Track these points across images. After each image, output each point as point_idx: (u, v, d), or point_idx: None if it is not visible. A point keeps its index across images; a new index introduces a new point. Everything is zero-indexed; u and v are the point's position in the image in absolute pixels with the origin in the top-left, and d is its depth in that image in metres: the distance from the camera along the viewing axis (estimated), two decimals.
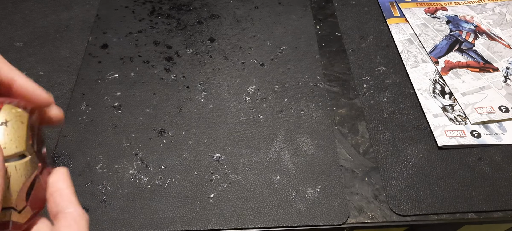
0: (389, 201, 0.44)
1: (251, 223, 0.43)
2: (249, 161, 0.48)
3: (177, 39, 0.63)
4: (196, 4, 0.69)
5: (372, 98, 0.55)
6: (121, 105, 0.54)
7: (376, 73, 0.58)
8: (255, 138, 0.50)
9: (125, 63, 0.59)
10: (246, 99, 0.55)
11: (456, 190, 0.45)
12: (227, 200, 0.44)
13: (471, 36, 0.63)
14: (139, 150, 0.49)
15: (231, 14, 0.67)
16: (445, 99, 0.54)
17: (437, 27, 0.65)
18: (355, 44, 0.62)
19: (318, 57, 0.60)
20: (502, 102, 0.53)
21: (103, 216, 0.43)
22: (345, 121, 0.52)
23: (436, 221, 0.43)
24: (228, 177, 0.46)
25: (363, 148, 0.49)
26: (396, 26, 0.65)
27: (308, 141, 0.50)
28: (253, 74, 0.58)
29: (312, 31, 0.64)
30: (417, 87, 0.56)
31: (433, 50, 0.61)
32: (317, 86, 0.56)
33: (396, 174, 0.47)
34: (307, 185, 0.46)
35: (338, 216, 0.43)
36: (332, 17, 0.67)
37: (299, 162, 0.48)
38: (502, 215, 0.44)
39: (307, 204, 0.44)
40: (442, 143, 0.49)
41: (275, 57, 0.60)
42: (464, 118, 0.52)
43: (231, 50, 0.61)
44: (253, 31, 0.64)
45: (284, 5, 0.69)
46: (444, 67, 0.58)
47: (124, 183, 0.46)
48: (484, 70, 0.58)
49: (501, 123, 0.51)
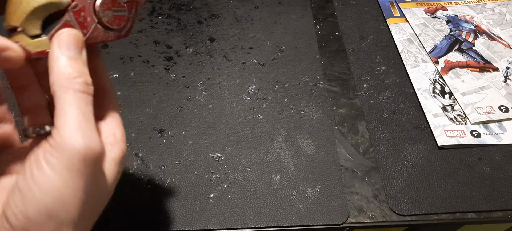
0: (389, 201, 0.44)
1: (251, 223, 0.43)
2: (249, 160, 0.48)
3: (177, 39, 0.63)
4: (196, 4, 0.69)
5: (372, 98, 0.55)
6: (121, 105, 0.54)
7: (376, 73, 0.58)
8: (255, 137, 0.50)
9: (125, 63, 0.59)
10: (246, 99, 0.55)
11: (456, 189, 0.45)
12: (227, 200, 0.44)
13: (471, 36, 0.63)
14: (139, 150, 0.49)
15: (231, 14, 0.67)
16: (445, 99, 0.54)
17: (437, 27, 0.65)
18: (355, 44, 0.62)
19: (318, 57, 0.60)
20: (502, 102, 0.53)
21: (103, 215, 0.43)
22: (345, 120, 0.52)
23: (436, 221, 0.43)
24: (228, 177, 0.46)
25: (363, 147, 0.49)
26: (396, 26, 0.65)
27: (308, 140, 0.50)
28: (253, 74, 0.58)
29: (312, 31, 0.64)
30: (417, 87, 0.56)
31: (433, 50, 0.61)
32: (317, 86, 0.56)
33: (396, 174, 0.47)
34: (307, 184, 0.46)
35: (338, 215, 0.43)
36: (332, 17, 0.67)
37: (299, 161, 0.48)
38: (502, 215, 0.44)
39: (307, 204, 0.44)
40: (442, 143, 0.49)
41: (275, 57, 0.60)
42: (464, 117, 0.52)
43: (231, 50, 0.61)
44: (253, 31, 0.64)
45: (284, 5, 0.69)
46: (444, 67, 0.58)
47: (124, 183, 0.46)
48: (484, 70, 0.58)
49: (501, 123, 0.51)
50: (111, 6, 0.25)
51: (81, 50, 0.24)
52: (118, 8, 0.25)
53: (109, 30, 0.25)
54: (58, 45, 0.23)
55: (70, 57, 0.23)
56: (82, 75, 0.23)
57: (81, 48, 0.24)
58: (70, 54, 0.23)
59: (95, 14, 0.24)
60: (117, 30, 0.26)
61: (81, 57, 0.23)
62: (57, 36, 0.23)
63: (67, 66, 0.22)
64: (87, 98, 0.23)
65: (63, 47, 0.23)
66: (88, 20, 0.24)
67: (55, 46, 0.23)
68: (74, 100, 0.22)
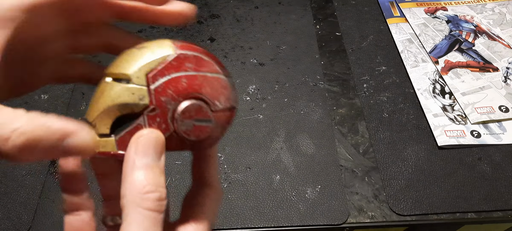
0: (389, 201, 0.44)
1: (251, 222, 0.43)
2: (249, 160, 0.48)
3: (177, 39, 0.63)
4: (196, 4, 0.69)
5: (372, 98, 0.55)
6: None
7: (376, 73, 0.58)
8: (255, 137, 0.50)
9: None
10: (246, 99, 0.55)
11: (456, 189, 0.45)
12: (227, 200, 0.44)
13: (471, 36, 0.63)
14: None
15: (231, 14, 0.67)
16: (445, 99, 0.54)
17: (437, 27, 0.65)
18: (355, 44, 0.62)
19: (318, 57, 0.60)
20: (502, 102, 0.53)
21: None
22: (345, 120, 0.52)
23: (436, 220, 0.43)
24: (228, 177, 0.46)
25: (363, 147, 0.49)
26: (396, 26, 0.65)
27: (308, 140, 0.50)
28: (253, 74, 0.58)
29: (312, 31, 0.64)
30: (417, 87, 0.56)
31: (433, 50, 0.61)
32: (317, 86, 0.56)
33: (396, 174, 0.47)
34: (307, 184, 0.46)
35: (338, 215, 0.43)
36: (332, 17, 0.67)
37: (299, 161, 0.48)
38: (502, 215, 0.44)
39: (307, 204, 0.44)
40: (442, 143, 0.49)
41: (275, 57, 0.60)
42: (464, 117, 0.52)
43: (231, 50, 0.61)
44: (253, 31, 0.64)
45: (284, 5, 0.69)
46: (444, 67, 0.58)
47: None
48: (484, 70, 0.58)
49: (501, 123, 0.51)
50: (195, 115, 0.21)
51: (160, 156, 0.21)
52: (203, 118, 0.21)
53: (186, 141, 0.22)
54: (135, 150, 0.20)
55: (147, 166, 0.20)
56: (157, 189, 0.20)
57: (161, 153, 0.21)
58: (148, 161, 0.20)
59: (173, 122, 0.21)
60: (196, 142, 0.22)
61: (159, 164, 0.20)
62: (136, 139, 0.20)
63: (142, 179, 0.20)
64: (157, 217, 0.20)
65: (140, 153, 0.20)
66: (162, 128, 0.21)
67: (131, 151, 0.20)
68: (142, 221, 0.19)
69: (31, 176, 0.47)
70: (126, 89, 0.20)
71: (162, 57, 0.21)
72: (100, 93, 0.21)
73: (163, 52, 0.21)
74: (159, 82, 0.21)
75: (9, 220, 0.43)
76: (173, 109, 0.21)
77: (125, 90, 0.20)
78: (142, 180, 0.20)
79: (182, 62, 0.21)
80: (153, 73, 0.20)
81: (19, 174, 0.47)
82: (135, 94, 0.20)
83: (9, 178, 0.47)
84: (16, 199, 0.45)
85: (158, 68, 0.21)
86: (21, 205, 0.44)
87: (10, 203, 0.45)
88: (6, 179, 0.47)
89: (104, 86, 0.21)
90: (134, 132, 0.21)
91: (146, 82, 0.20)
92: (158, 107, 0.21)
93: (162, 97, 0.21)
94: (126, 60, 0.21)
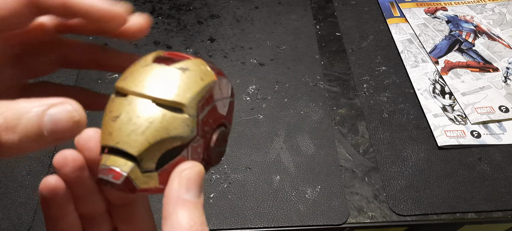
0: (389, 201, 0.44)
1: (251, 223, 0.43)
2: (249, 161, 0.48)
3: (177, 39, 0.63)
4: (196, 4, 0.69)
5: (372, 98, 0.55)
6: None
7: (376, 73, 0.58)
8: (255, 137, 0.50)
9: None
10: (246, 99, 0.55)
11: (456, 190, 0.45)
12: (227, 200, 0.44)
13: (471, 36, 0.63)
14: None
15: (231, 14, 0.67)
16: (445, 99, 0.54)
17: (437, 27, 0.65)
18: (355, 44, 0.62)
19: (318, 57, 0.60)
20: (502, 102, 0.53)
21: None
22: (345, 120, 0.52)
23: (436, 221, 0.43)
24: (228, 177, 0.46)
25: (363, 148, 0.49)
26: (396, 26, 0.65)
27: (308, 141, 0.50)
28: (253, 74, 0.58)
29: (312, 31, 0.64)
30: (417, 87, 0.56)
31: (433, 50, 0.61)
32: (317, 86, 0.56)
33: (396, 174, 0.47)
34: (307, 185, 0.46)
35: (338, 216, 0.43)
36: (332, 17, 0.67)
37: (299, 162, 0.48)
38: (502, 215, 0.44)
39: (307, 204, 0.44)
40: (442, 143, 0.49)
41: (275, 57, 0.60)
42: (464, 117, 0.52)
43: (231, 50, 0.61)
44: (253, 31, 0.64)
45: (284, 5, 0.69)
46: (444, 67, 0.58)
47: None
48: (484, 70, 0.58)
49: (501, 123, 0.51)
50: (222, 142, 0.21)
51: (202, 190, 0.19)
52: (224, 143, 0.21)
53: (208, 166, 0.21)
54: (178, 185, 0.19)
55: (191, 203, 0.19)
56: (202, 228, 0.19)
57: (202, 187, 0.20)
58: (191, 197, 0.19)
59: (207, 150, 0.20)
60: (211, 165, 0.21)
61: (201, 200, 0.19)
62: (179, 173, 0.19)
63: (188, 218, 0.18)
64: None
65: (183, 188, 0.19)
66: (200, 158, 0.20)
67: (174, 187, 0.19)
68: None
69: (31, 176, 0.47)
70: (182, 121, 0.18)
71: (209, 85, 0.19)
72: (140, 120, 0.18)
73: (208, 77, 0.20)
74: (205, 111, 0.19)
75: (9, 220, 0.43)
76: (210, 139, 0.20)
77: (181, 122, 0.18)
78: (189, 220, 0.18)
79: (218, 89, 0.20)
80: (202, 102, 0.19)
81: (19, 174, 0.47)
82: (189, 126, 0.18)
83: (9, 178, 0.47)
84: (16, 199, 0.45)
85: (206, 97, 0.19)
86: (21, 205, 0.44)
87: (10, 203, 0.45)
88: (6, 179, 0.47)
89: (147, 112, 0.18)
90: (177, 163, 0.19)
91: (196, 112, 0.19)
92: (201, 138, 0.19)
93: (205, 127, 0.19)
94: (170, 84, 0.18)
